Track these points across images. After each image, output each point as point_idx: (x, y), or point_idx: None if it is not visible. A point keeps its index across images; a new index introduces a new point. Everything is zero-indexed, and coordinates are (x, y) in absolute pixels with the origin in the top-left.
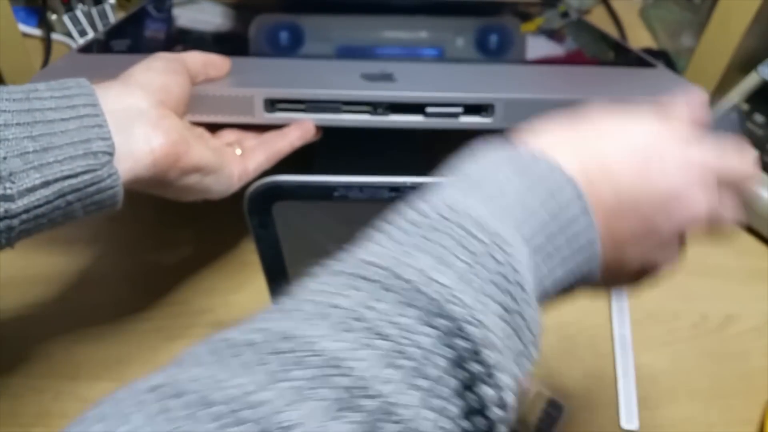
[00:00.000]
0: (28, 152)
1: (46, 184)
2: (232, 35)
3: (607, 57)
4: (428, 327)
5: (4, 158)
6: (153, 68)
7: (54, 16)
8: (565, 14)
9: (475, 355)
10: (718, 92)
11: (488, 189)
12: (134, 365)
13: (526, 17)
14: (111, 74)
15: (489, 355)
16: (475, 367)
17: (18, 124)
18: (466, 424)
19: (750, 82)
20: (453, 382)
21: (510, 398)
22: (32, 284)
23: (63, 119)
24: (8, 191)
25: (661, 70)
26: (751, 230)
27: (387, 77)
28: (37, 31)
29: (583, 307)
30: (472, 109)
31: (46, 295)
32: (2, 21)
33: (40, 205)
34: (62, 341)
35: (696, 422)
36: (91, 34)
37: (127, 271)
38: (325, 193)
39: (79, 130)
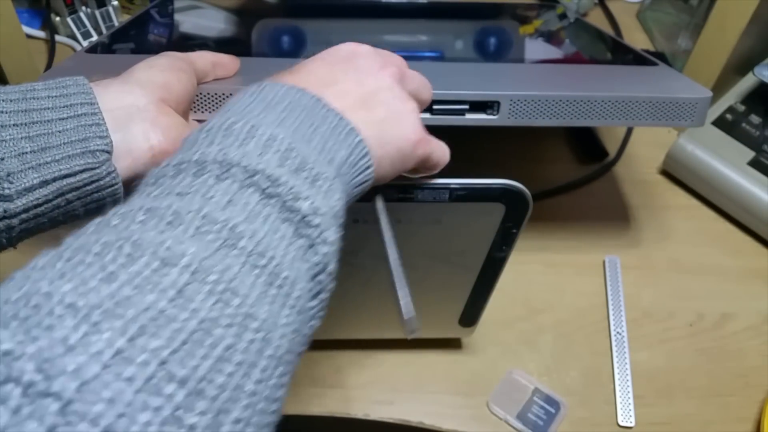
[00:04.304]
0: (25, 152)
1: (44, 183)
2: (234, 40)
3: (605, 56)
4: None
5: (2, 159)
6: (155, 65)
7: (57, 19)
8: (563, 16)
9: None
10: (714, 94)
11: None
12: None
13: (524, 20)
14: (118, 74)
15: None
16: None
17: (15, 124)
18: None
19: (746, 83)
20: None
21: (330, 235)
22: None
23: (60, 119)
24: (6, 191)
25: (662, 68)
26: (747, 229)
27: None
28: (40, 33)
29: (580, 306)
30: (477, 106)
31: None
32: (6, 23)
33: (39, 204)
34: None
35: (692, 420)
36: (94, 37)
37: None
38: None
39: (76, 129)
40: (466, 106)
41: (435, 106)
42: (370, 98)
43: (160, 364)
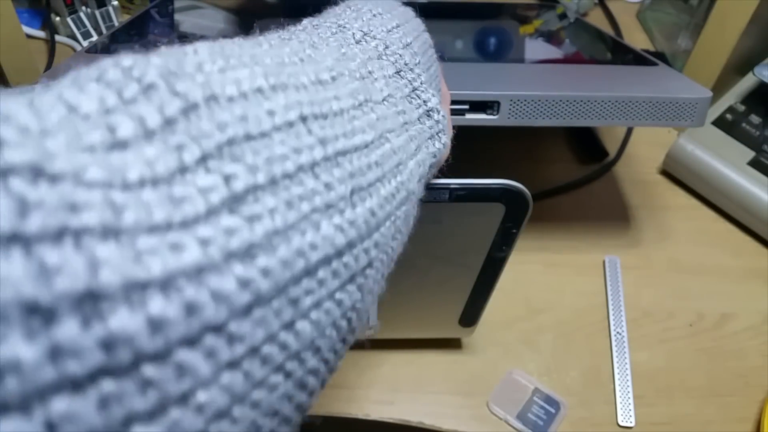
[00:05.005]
0: None
1: None
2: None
3: (605, 56)
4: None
5: None
6: None
7: (57, 19)
8: (563, 16)
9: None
10: (714, 94)
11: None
12: None
13: (524, 19)
14: None
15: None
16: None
17: None
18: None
19: (746, 83)
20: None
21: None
22: None
23: None
24: None
25: (662, 68)
26: (747, 230)
27: None
28: (40, 33)
29: (580, 306)
30: (477, 106)
31: None
32: (6, 23)
33: None
34: None
35: (692, 420)
36: (94, 37)
37: None
38: None
39: None
40: (466, 106)
41: None
42: (446, 95)
43: (302, 117)
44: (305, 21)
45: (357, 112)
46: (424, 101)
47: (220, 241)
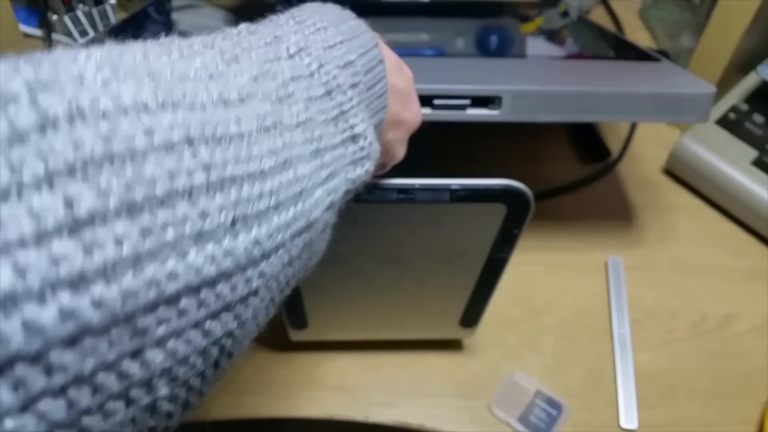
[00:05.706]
0: None
1: None
2: None
3: (608, 54)
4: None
5: None
6: None
7: (55, 17)
8: (565, 14)
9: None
10: (717, 93)
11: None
12: None
13: (525, 18)
14: None
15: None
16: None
17: None
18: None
19: (749, 82)
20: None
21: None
22: None
23: None
24: None
25: (666, 64)
26: (750, 230)
27: None
28: (38, 32)
29: (583, 307)
30: (479, 101)
31: None
32: (3, 21)
33: None
34: None
35: (695, 422)
36: (91, 35)
37: None
38: None
39: None
40: (468, 101)
41: (436, 101)
42: (403, 121)
43: (188, 139)
44: (243, 25)
45: (261, 136)
46: (351, 126)
47: (43, 269)
